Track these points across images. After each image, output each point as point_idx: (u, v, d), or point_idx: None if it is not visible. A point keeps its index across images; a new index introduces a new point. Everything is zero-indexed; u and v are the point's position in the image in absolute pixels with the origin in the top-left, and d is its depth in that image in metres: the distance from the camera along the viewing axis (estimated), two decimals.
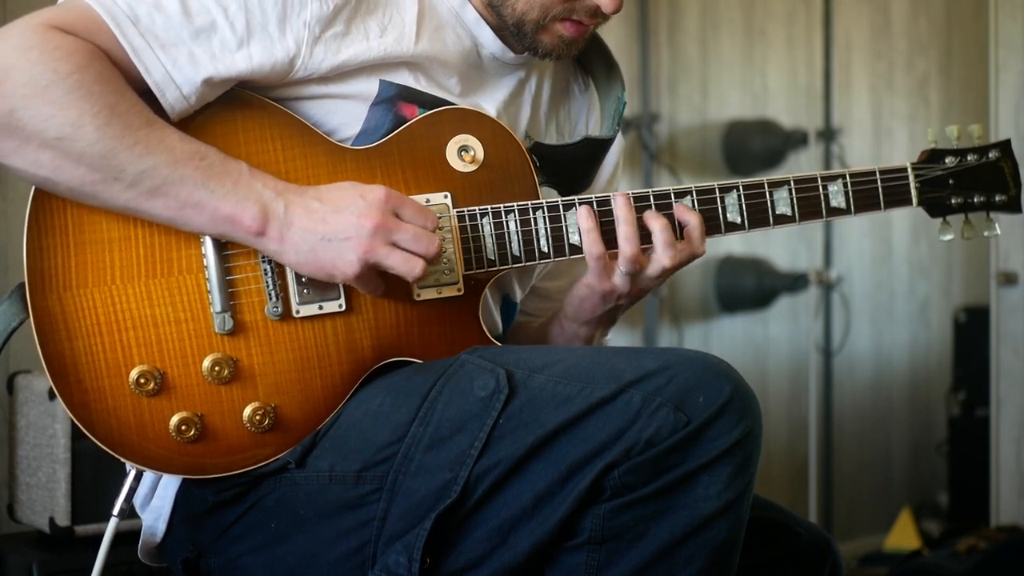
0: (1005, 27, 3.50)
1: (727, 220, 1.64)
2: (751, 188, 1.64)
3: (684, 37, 4.32)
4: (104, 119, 1.44)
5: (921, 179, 1.69)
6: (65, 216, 1.51)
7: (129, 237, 1.51)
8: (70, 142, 1.43)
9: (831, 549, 1.73)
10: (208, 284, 1.52)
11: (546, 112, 1.77)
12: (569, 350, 1.56)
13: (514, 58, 1.69)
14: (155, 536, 1.64)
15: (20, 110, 1.42)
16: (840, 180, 1.66)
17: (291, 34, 1.52)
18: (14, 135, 1.44)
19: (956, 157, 1.71)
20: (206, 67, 1.50)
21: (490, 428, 1.45)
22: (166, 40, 1.49)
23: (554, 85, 1.79)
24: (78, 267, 1.51)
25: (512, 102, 1.71)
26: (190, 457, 1.52)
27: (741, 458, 1.42)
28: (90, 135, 1.43)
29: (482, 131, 1.60)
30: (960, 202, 1.71)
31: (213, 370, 1.51)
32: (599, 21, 1.68)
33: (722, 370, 1.44)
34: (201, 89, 1.50)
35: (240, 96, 1.55)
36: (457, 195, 1.58)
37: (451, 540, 1.46)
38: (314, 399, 1.54)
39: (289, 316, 1.54)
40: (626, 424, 1.40)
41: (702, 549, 1.41)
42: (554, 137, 1.78)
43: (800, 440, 4.45)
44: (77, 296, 1.50)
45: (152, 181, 1.46)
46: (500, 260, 1.59)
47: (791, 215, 1.65)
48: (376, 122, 1.59)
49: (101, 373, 1.50)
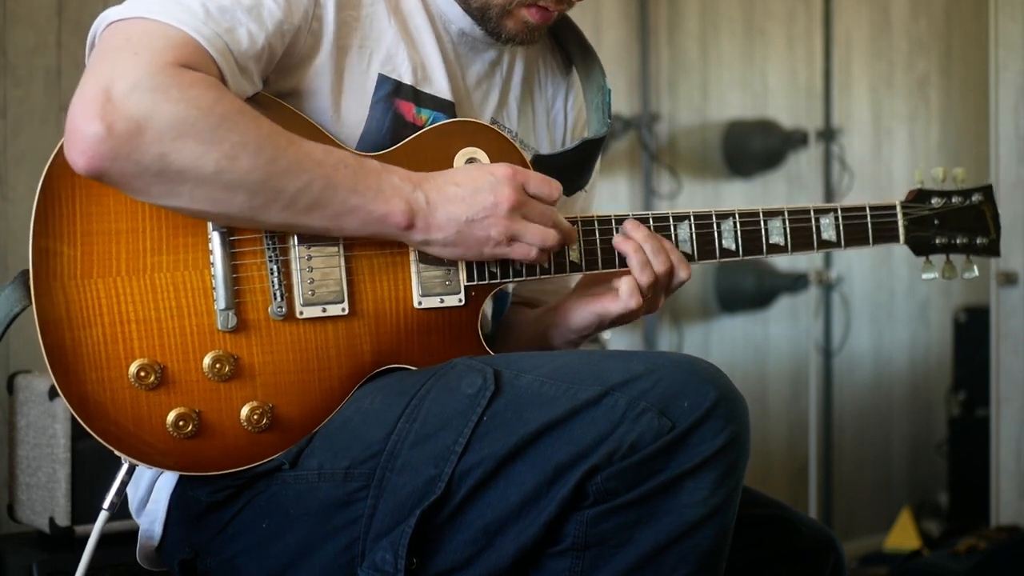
0: (1005, 27, 3.50)
1: (722, 247, 1.68)
2: (746, 216, 1.68)
3: (684, 37, 4.32)
4: (255, 147, 1.43)
5: (909, 218, 1.76)
6: (73, 205, 1.50)
7: (137, 230, 1.51)
8: (227, 175, 1.42)
9: (833, 546, 1.73)
10: (213, 281, 1.51)
11: (519, 96, 1.78)
12: (560, 353, 1.57)
13: (484, 35, 1.70)
14: (152, 540, 1.64)
15: (171, 153, 1.40)
16: (832, 214, 1.71)
17: (296, 2, 1.53)
18: (165, 178, 1.42)
19: (942, 198, 1.78)
20: (261, 43, 1.49)
21: (474, 424, 1.45)
22: (227, 25, 1.47)
23: (527, 66, 1.79)
24: (84, 257, 1.50)
25: (481, 84, 1.72)
26: (186, 453, 1.51)
27: (727, 464, 1.41)
28: (245, 164, 1.43)
29: (489, 144, 1.61)
30: (944, 243, 1.78)
31: (214, 367, 1.51)
32: (564, 7, 1.68)
33: (708, 375, 1.43)
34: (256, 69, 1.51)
35: (254, 99, 1.55)
36: None
37: (437, 541, 1.46)
38: (311, 401, 1.55)
39: (292, 317, 1.54)
40: (610, 428, 1.40)
41: (688, 556, 1.40)
42: (530, 120, 1.80)
43: (800, 440, 4.45)
44: (81, 286, 1.50)
45: (309, 197, 1.46)
46: (502, 273, 1.60)
47: (784, 245, 1.70)
48: (377, 121, 1.60)
49: (101, 364, 1.50)
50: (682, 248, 1.66)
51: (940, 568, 3.21)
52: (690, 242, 1.67)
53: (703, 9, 4.36)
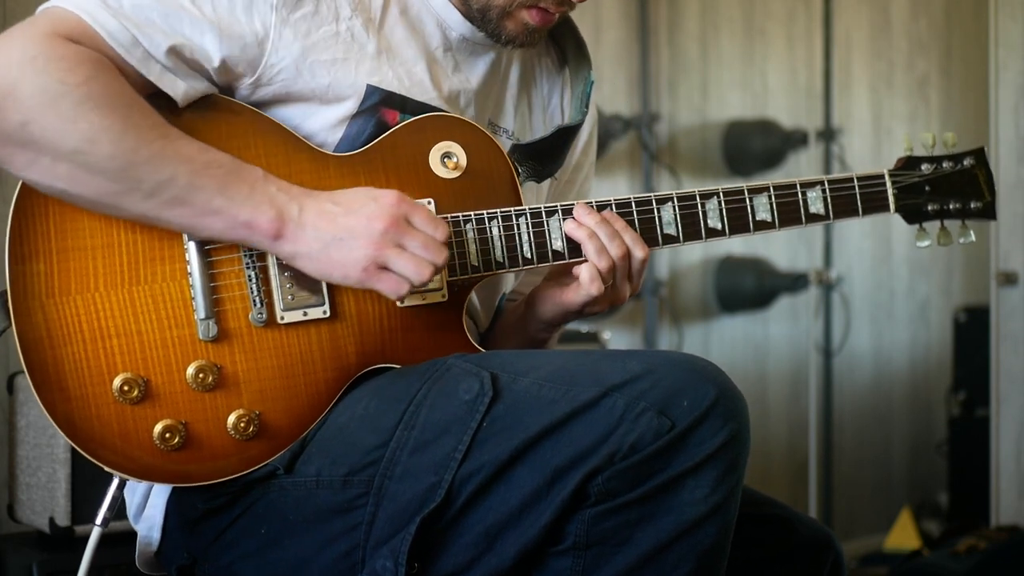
0: (1005, 27, 3.50)
1: (708, 226, 1.66)
2: (731, 195, 1.66)
3: (684, 37, 4.32)
4: (118, 132, 1.43)
5: (898, 185, 1.73)
6: (48, 223, 1.50)
7: (112, 244, 1.51)
8: (85, 156, 1.43)
9: (832, 544, 1.73)
10: (192, 291, 1.51)
11: (515, 95, 1.77)
12: (557, 354, 1.56)
13: (484, 37, 1.69)
14: (151, 546, 1.64)
15: (32, 123, 1.41)
16: (819, 186, 1.69)
17: (258, 17, 1.53)
18: (27, 148, 1.43)
19: (932, 164, 1.74)
20: (177, 40, 1.50)
21: (474, 431, 1.44)
22: (137, 19, 1.48)
23: (523, 65, 1.79)
24: (61, 274, 1.50)
25: (484, 87, 1.72)
26: (175, 465, 1.51)
27: (727, 462, 1.41)
28: (105, 149, 1.43)
29: (465, 138, 1.61)
30: (936, 209, 1.75)
31: (197, 377, 1.51)
32: (565, 9, 1.68)
33: (707, 373, 1.43)
34: (172, 63, 1.50)
35: (222, 103, 1.56)
36: (440, 201, 1.59)
37: (438, 545, 1.46)
38: (299, 406, 1.54)
39: (273, 323, 1.54)
40: (609, 429, 1.40)
41: (689, 554, 1.40)
42: (526, 117, 1.79)
43: (800, 440, 4.45)
44: (60, 303, 1.50)
45: (171, 191, 1.46)
46: (484, 266, 1.59)
47: (771, 221, 1.67)
48: (358, 129, 1.59)
49: (85, 381, 1.49)
50: (667, 230, 1.64)
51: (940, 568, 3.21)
52: (675, 223, 1.65)
53: (703, 9, 4.36)
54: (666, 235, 1.64)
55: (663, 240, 1.64)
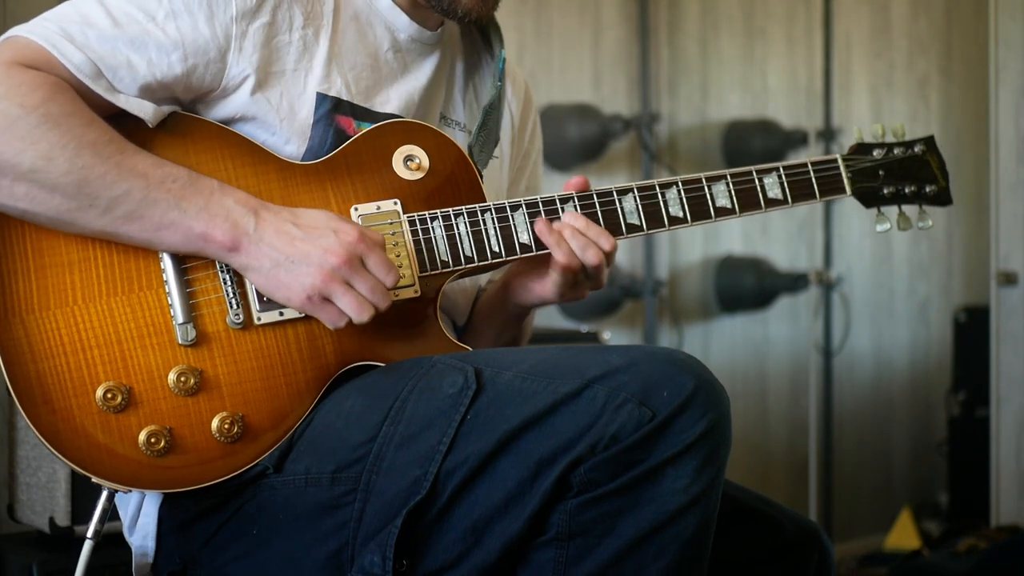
0: (1005, 27, 3.51)
1: (670, 215, 1.71)
2: (689, 183, 1.71)
3: (684, 37, 4.32)
4: (74, 150, 1.47)
5: (852, 169, 1.79)
6: (24, 242, 1.53)
7: (88, 259, 1.53)
8: (43, 174, 1.47)
9: (818, 540, 1.74)
10: (169, 297, 1.54)
11: (462, 87, 1.83)
12: (540, 349, 1.58)
13: (431, 36, 1.75)
14: (147, 556, 1.64)
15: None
16: (775, 172, 1.74)
17: (220, 28, 1.57)
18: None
19: (883, 149, 1.81)
20: (144, 74, 1.54)
21: (458, 424, 1.46)
22: (103, 52, 1.53)
23: (466, 59, 1.84)
24: (39, 290, 1.52)
25: (431, 85, 1.76)
26: (161, 471, 1.52)
27: (707, 451, 1.42)
28: (62, 166, 1.47)
29: (426, 141, 1.66)
30: (892, 192, 1.81)
31: (179, 382, 1.52)
32: None
33: (686, 364, 1.45)
34: (141, 96, 1.54)
35: (190, 121, 1.59)
36: (406, 201, 1.63)
37: (426, 542, 1.47)
38: (281, 406, 1.56)
39: (251, 324, 1.56)
40: (591, 420, 1.42)
41: (671, 543, 1.42)
42: (474, 108, 1.84)
43: (800, 440, 4.45)
44: (40, 318, 1.52)
45: (127, 206, 1.49)
46: (453, 261, 1.63)
47: (731, 208, 1.72)
48: (319, 139, 1.63)
49: (68, 393, 1.51)
50: (629, 219, 1.69)
51: (940, 568, 3.21)
52: (637, 213, 1.70)
53: (703, 9, 4.36)
54: (630, 224, 1.70)
55: (627, 229, 1.70)
